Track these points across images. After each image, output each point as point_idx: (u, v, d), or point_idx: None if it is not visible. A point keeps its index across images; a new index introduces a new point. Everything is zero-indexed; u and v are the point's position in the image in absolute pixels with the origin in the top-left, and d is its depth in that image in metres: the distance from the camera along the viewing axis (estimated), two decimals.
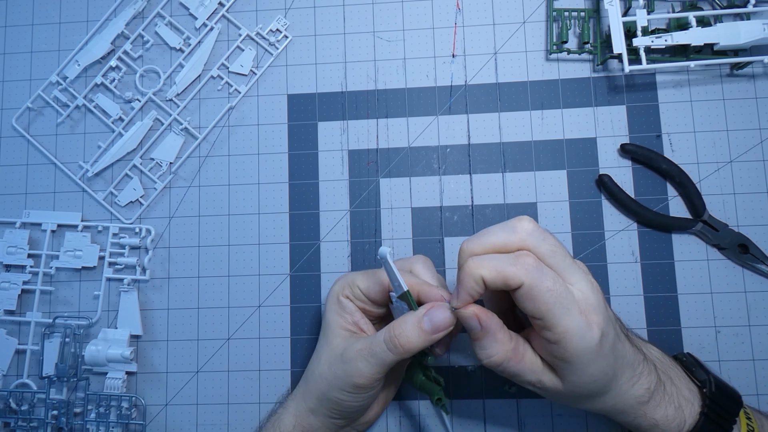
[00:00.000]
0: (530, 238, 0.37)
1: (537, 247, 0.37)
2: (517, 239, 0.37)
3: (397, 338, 0.39)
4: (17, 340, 0.53)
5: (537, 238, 0.37)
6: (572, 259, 0.37)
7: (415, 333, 0.39)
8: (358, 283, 0.43)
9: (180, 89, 0.54)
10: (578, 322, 0.35)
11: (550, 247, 0.37)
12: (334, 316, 0.44)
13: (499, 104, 0.53)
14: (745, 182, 0.50)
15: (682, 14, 0.50)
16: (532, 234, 0.37)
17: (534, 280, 0.35)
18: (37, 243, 0.54)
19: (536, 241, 0.37)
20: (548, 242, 0.37)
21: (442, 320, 0.39)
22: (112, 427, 0.50)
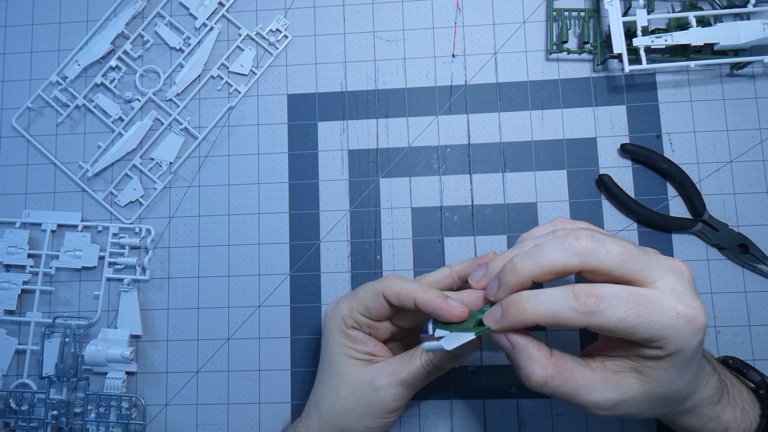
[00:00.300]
0: (591, 259, 0.32)
1: (601, 265, 0.32)
2: (576, 262, 0.33)
3: (432, 362, 0.40)
4: (17, 340, 0.53)
5: (599, 256, 0.32)
6: (644, 254, 0.33)
7: (446, 356, 0.39)
8: (359, 309, 0.42)
9: (180, 89, 0.54)
10: (676, 323, 0.31)
11: (615, 258, 0.32)
12: (345, 350, 0.43)
13: (499, 104, 0.53)
14: (745, 182, 0.50)
15: (682, 14, 0.50)
16: (592, 254, 0.32)
17: (600, 319, 0.31)
18: (37, 243, 0.54)
19: (599, 260, 0.32)
20: (612, 253, 0.32)
21: (466, 350, 0.40)
22: (112, 427, 0.50)
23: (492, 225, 0.51)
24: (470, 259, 0.44)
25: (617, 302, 0.31)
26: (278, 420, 0.50)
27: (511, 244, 0.50)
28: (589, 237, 0.33)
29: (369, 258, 0.52)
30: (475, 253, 0.51)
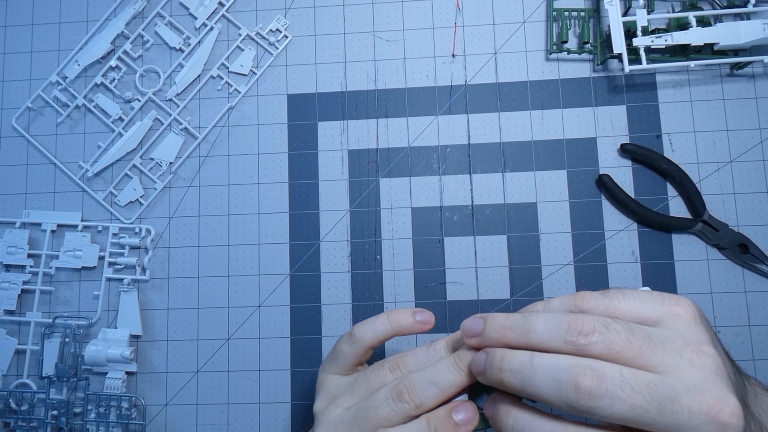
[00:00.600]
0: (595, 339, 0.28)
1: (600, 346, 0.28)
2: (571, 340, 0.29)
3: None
4: (17, 340, 0.53)
5: (606, 334, 0.28)
6: (653, 341, 0.28)
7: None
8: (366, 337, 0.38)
9: (180, 89, 0.54)
10: (686, 416, 0.26)
11: (621, 345, 0.28)
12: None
13: (499, 104, 0.53)
14: (745, 182, 0.50)
15: (682, 14, 0.50)
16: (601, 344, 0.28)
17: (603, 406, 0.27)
18: (36, 243, 0.54)
19: (602, 339, 0.28)
20: (616, 332, 0.28)
21: (472, 419, 0.34)
22: (111, 427, 0.50)
23: (492, 225, 0.51)
24: (407, 310, 0.39)
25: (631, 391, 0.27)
26: (278, 420, 0.50)
27: (511, 244, 0.50)
28: (589, 323, 0.29)
29: (369, 258, 0.52)
30: (475, 253, 0.51)
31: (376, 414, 0.34)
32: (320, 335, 0.51)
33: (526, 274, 0.50)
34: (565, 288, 0.50)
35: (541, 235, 0.51)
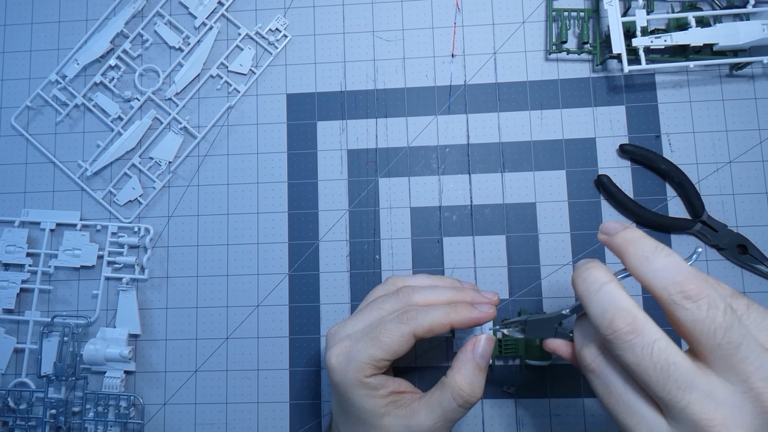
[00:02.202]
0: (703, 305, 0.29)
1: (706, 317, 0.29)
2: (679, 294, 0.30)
3: (472, 396, 0.38)
4: (15, 338, 0.53)
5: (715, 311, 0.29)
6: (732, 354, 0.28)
7: (478, 378, 0.38)
8: (384, 357, 0.38)
9: (179, 88, 0.54)
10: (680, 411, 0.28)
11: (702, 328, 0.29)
12: (369, 402, 0.38)
13: (498, 104, 0.53)
14: (744, 183, 0.50)
15: (681, 14, 0.50)
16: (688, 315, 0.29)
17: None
18: (35, 242, 0.54)
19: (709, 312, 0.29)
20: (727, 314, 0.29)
21: (489, 349, 0.39)
22: (110, 426, 0.50)
23: (491, 225, 0.51)
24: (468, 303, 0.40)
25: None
26: (277, 419, 0.50)
27: (510, 244, 0.50)
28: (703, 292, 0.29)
29: (368, 258, 0.52)
30: (474, 253, 0.51)
31: (383, 327, 0.38)
32: (319, 335, 0.51)
33: (525, 274, 0.50)
34: (564, 288, 0.50)
35: (540, 235, 0.51)
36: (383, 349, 0.38)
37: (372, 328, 0.39)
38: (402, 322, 0.38)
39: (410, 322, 0.38)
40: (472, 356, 0.39)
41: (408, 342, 0.38)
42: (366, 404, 0.38)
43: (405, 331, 0.38)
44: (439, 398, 0.38)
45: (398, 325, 0.38)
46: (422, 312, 0.38)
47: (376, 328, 0.38)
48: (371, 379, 0.38)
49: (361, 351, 0.38)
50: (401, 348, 0.38)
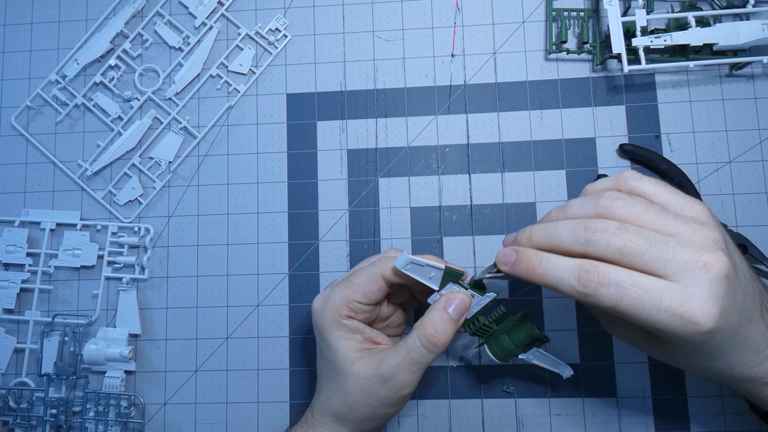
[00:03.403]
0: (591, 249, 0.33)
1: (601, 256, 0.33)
2: (578, 249, 0.34)
3: (435, 338, 0.40)
4: (16, 338, 0.53)
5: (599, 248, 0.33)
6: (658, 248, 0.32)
7: (446, 325, 0.40)
8: (355, 297, 0.41)
9: (179, 88, 0.54)
10: (670, 323, 0.31)
11: (615, 251, 0.32)
12: (343, 344, 0.42)
13: (498, 104, 0.53)
14: (744, 183, 0.50)
15: (681, 14, 0.50)
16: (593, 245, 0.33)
17: (595, 300, 0.32)
18: (36, 242, 0.54)
19: (598, 252, 0.33)
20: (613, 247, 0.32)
21: (462, 304, 0.40)
22: (110, 425, 0.50)
23: (491, 225, 0.51)
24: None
25: (617, 290, 0.32)
26: (277, 419, 0.51)
27: None
28: (601, 227, 0.33)
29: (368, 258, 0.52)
30: (474, 253, 0.51)
31: (356, 271, 0.43)
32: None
33: None
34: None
35: None
36: (354, 290, 0.41)
37: (349, 274, 0.43)
38: (372, 266, 0.42)
39: (378, 265, 0.42)
40: (443, 305, 0.40)
41: (377, 283, 0.41)
42: (340, 346, 0.42)
43: (373, 272, 0.41)
44: (406, 340, 0.41)
45: (368, 268, 0.42)
46: (392, 258, 0.41)
47: (351, 274, 0.43)
48: (347, 321, 0.42)
49: (336, 293, 0.42)
50: (371, 289, 0.41)
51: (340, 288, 0.42)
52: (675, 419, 0.48)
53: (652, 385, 0.48)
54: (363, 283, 0.41)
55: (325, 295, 0.43)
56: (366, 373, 0.41)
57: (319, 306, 0.43)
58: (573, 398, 0.49)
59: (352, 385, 0.41)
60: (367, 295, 0.41)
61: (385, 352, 0.41)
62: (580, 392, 0.49)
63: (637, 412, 0.48)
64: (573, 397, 0.49)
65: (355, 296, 0.41)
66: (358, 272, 0.42)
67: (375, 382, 0.41)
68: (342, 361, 0.42)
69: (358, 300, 0.41)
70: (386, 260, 0.41)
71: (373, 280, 0.41)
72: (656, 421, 0.48)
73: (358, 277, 0.42)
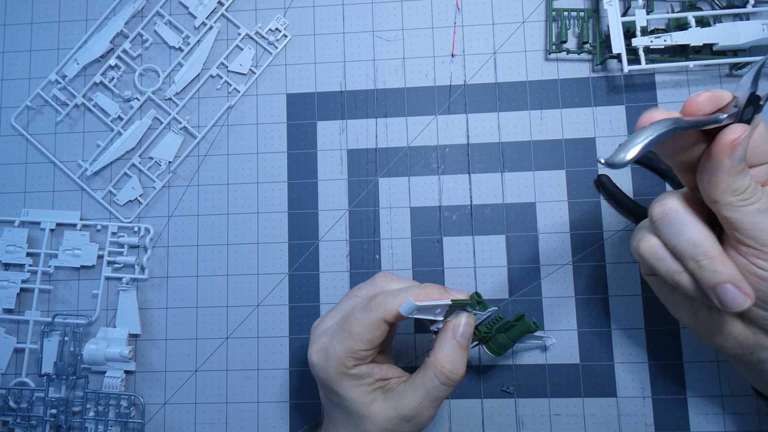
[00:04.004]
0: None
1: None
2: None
3: (453, 374, 0.39)
4: (16, 338, 0.53)
5: None
6: None
7: (460, 357, 0.39)
8: (359, 347, 0.39)
9: (179, 88, 0.54)
10: None
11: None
12: (356, 392, 0.39)
13: (498, 104, 0.53)
14: None
15: (681, 14, 0.50)
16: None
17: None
18: (35, 242, 0.54)
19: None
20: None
21: (468, 327, 0.39)
22: (110, 425, 0.50)
23: (491, 225, 0.51)
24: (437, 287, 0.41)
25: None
26: (277, 419, 0.51)
27: (510, 244, 0.51)
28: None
29: (368, 257, 0.52)
30: (474, 253, 0.51)
31: (353, 318, 0.39)
32: None
33: (524, 274, 0.50)
34: (563, 288, 0.50)
35: (539, 235, 0.51)
36: (356, 340, 0.38)
37: (344, 320, 0.39)
38: (370, 310, 0.38)
39: (378, 308, 0.38)
40: (452, 335, 0.39)
41: (379, 328, 0.38)
42: (353, 394, 0.39)
43: (374, 318, 0.38)
44: (423, 378, 0.39)
45: (367, 313, 0.38)
46: (391, 296, 0.38)
47: (347, 320, 0.39)
48: (355, 370, 0.39)
49: (336, 346, 0.39)
50: (374, 335, 0.38)
51: (339, 340, 0.39)
52: (675, 419, 0.48)
53: (652, 385, 0.48)
54: (364, 331, 0.38)
55: (322, 347, 0.40)
56: (386, 414, 0.39)
57: (320, 361, 0.40)
58: (573, 398, 0.49)
59: (373, 427, 0.40)
60: (370, 342, 0.39)
61: (402, 392, 0.40)
62: (580, 392, 0.49)
63: (637, 412, 0.48)
64: (573, 397, 0.49)
65: (358, 346, 0.39)
66: (355, 319, 0.39)
67: (397, 422, 0.39)
68: (357, 407, 0.40)
69: (362, 349, 0.39)
70: (383, 298, 0.39)
71: (375, 327, 0.38)
72: (656, 421, 0.48)
73: (357, 325, 0.39)
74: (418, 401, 0.39)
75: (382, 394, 0.40)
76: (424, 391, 0.39)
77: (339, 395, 0.40)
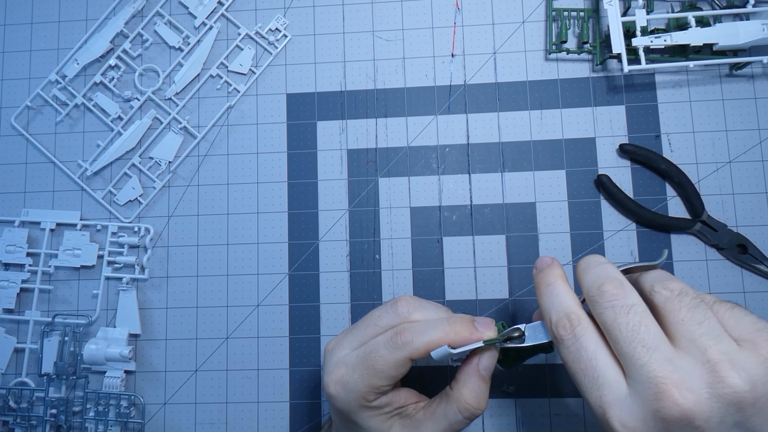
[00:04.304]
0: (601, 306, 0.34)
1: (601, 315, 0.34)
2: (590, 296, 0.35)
3: (478, 410, 0.38)
4: (16, 338, 0.53)
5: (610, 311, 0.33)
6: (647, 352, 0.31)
7: (484, 391, 0.39)
8: (381, 384, 0.37)
9: (179, 88, 0.54)
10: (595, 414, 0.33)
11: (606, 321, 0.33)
12: (375, 419, 0.39)
13: (498, 104, 0.53)
14: (744, 182, 0.50)
15: (681, 14, 0.50)
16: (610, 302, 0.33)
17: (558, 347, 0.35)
18: (36, 241, 0.54)
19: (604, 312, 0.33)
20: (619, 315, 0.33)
21: (492, 359, 0.39)
22: (110, 425, 0.50)
23: (491, 225, 0.51)
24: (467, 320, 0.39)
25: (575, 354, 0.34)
26: (277, 419, 0.51)
27: (510, 244, 0.50)
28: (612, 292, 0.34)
29: (368, 257, 0.52)
30: (474, 253, 0.51)
31: (377, 354, 0.38)
32: (319, 334, 0.51)
33: (524, 274, 0.50)
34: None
35: (539, 235, 0.51)
36: (379, 377, 0.37)
37: (367, 355, 0.38)
38: (396, 347, 0.37)
39: (405, 348, 0.37)
40: (477, 369, 0.39)
41: (405, 366, 0.37)
42: (371, 423, 0.39)
43: (399, 357, 0.37)
44: (445, 410, 0.38)
45: (392, 350, 0.37)
46: (417, 333, 0.37)
47: (370, 355, 0.38)
48: (375, 403, 0.38)
49: (357, 381, 0.38)
50: (398, 372, 0.37)
51: (361, 375, 0.38)
52: None
53: None
54: (389, 368, 0.37)
55: (341, 380, 0.39)
56: None
57: (338, 393, 0.38)
58: (573, 398, 0.49)
59: None
60: (393, 378, 0.38)
61: (422, 420, 0.39)
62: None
63: None
64: (573, 397, 0.49)
65: (381, 383, 0.37)
66: (380, 356, 0.37)
67: None
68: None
69: (385, 385, 0.38)
70: (410, 336, 0.37)
71: (401, 365, 0.37)
72: None
73: (381, 362, 0.37)
74: (438, 425, 0.38)
75: (399, 419, 0.40)
76: (445, 424, 0.38)
77: (357, 424, 0.39)
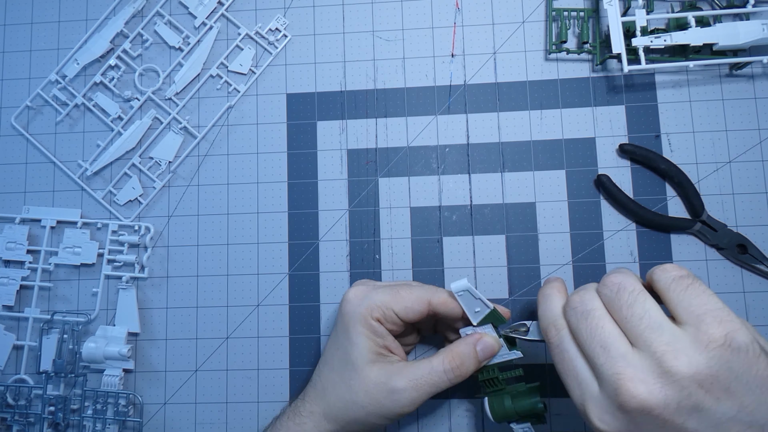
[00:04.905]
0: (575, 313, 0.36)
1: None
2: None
3: (458, 369, 0.41)
4: (15, 335, 0.53)
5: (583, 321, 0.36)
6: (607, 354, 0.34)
7: (470, 362, 0.41)
8: (393, 306, 0.42)
9: (179, 88, 0.55)
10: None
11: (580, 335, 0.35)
12: (365, 339, 0.42)
13: (498, 104, 0.53)
14: (744, 182, 0.50)
15: (681, 14, 0.50)
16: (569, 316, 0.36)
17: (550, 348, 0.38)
18: (36, 239, 0.54)
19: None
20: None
21: (491, 348, 0.42)
22: (108, 423, 0.50)
23: (491, 225, 0.51)
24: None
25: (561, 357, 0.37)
26: None
27: (510, 244, 0.50)
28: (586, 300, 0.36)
29: (368, 257, 0.52)
30: (474, 253, 0.51)
31: (407, 286, 0.44)
32: (319, 334, 0.51)
33: (524, 274, 0.50)
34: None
35: (539, 235, 0.51)
36: (398, 301, 0.42)
37: (396, 284, 0.44)
38: (422, 288, 0.43)
39: (429, 289, 0.43)
40: (474, 342, 0.42)
41: (422, 304, 0.42)
42: (360, 341, 0.42)
43: (423, 294, 0.42)
44: (430, 360, 0.41)
45: (418, 288, 0.43)
46: (441, 291, 0.43)
47: (399, 284, 0.44)
48: (375, 323, 0.42)
49: (377, 295, 0.42)
50: (414, 307, 0.42)
51: (383, 292, 0.43)
52: None
53: None
54: (410, 299, 0.42)
55: (363, 291, 0.43)
56: (377, 378, 0.41)
57: (354, 298, 0.43)
58: None
59: (358, 384, 0.41)
60: (407, 310, 0.42)
61: (403, 365, 0.42)
62: None
63: None
64: None
65: (396, 306, 0.42)
66: (408, 287, 0.43)
67: (382, 389, 0.41)
68: (357, 357, 0.42)
69: (397, 311, 0.42)
70: (436, 289, 0.43)
71: (420, 301, 0.42)
72: None
73: (406, 291, 0.43)
74: (415, 377, 0.41)
75: (381, 359, 0.42)
76: (426, 371, 0.41)
77: (349, 337, 0.42)
